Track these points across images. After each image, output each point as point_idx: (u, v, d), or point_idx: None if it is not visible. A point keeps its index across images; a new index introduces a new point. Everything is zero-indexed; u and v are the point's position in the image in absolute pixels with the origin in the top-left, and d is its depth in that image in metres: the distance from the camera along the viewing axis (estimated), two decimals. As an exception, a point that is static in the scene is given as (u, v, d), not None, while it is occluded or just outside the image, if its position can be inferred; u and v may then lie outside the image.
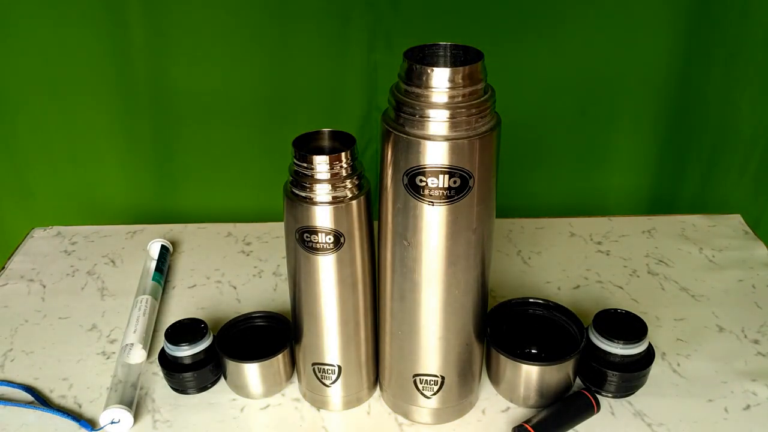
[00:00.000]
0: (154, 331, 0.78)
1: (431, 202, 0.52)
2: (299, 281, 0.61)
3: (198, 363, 0.68)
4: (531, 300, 0.72)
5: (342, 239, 0.57)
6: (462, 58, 0.53)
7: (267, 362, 0.67)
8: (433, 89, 0.50)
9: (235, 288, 0.87)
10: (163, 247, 0.90)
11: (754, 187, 1.09)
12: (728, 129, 1.05)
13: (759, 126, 1.04)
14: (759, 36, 0.97)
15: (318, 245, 0.57)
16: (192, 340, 0.67)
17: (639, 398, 0.68)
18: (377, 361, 0.67)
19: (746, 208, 1.03)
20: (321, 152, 0.56)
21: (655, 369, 0.69)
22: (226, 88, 1.04)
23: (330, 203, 0.56)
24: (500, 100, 0.53)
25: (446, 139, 0.50)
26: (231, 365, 0.67)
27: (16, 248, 0.95)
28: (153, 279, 0.84)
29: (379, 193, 0.56)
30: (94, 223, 1.02)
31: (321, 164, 0.55)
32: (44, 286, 0.87)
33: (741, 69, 1.00)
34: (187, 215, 1.12)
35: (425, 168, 0.51)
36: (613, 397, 0.68)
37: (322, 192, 0.56)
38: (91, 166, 1.11)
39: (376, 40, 0.98)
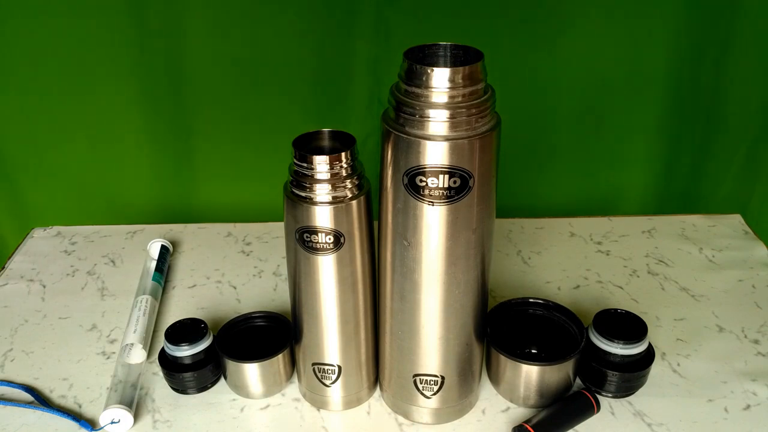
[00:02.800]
0: (154, 331, 0.78)
1: (431, 202, 0.52)
2: (299, 281, 0.61)
3: (198, 363, 0.68)
4: (531, 300, 0.72)
5: (342, 239, 0.57)
6: (462, 58, 0.53)
7: (267, 362, 0.67)
8: (433, 89, 0.50)
9: (235, 288, 0.87)
10: (163, 247, 0.90)
11: (742, 174, 1.10)
12: (719, 120, 1.07)
13: (747, 117, 1.06)
14: (750, 33, 0.98)
15: (318, 245, 0.57)
16: (192, 340, 0.67)
17: (639, 398, 0.68)
18: (377, 361, 0.67)
19: (736, 196, 1.06)
20: (321, 152, 0.56)
21: (655, 369, 0.69)
22: (226, 85, 1.04)
23: (330, 203, 0.56)
24: (499, 100, 0.53)
25: (446, 139, 0.50)
26: (231, 365, 0.67)
27: (16, 248, 0.95)
28: (153, 279, 0.84)
29: (379, 193, 0.56)
30: (96, 223, 1.02)
31: (321, 164, 0.55)
32: (44, 286, 0.87)
33: (732, 66, 1.01)
34: (187, 214, 1.13)
35: (425, 168, 0.51)
36: (613, 397, 0.68)
37: (322, 192, 0.56)
38: (90, 166, 1.11)
39: (378, 34, 0.99)
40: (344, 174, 0.56)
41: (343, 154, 0.56)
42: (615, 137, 1.09)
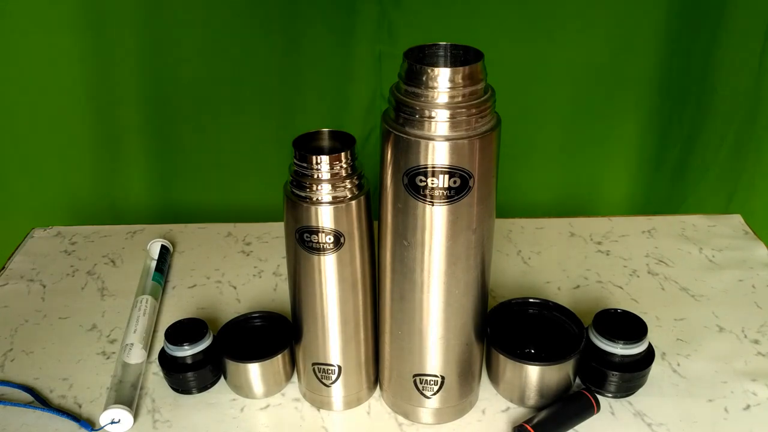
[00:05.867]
0: (154, 331, 0.78)
1: (431, 202, 0.52)
2: (299, 281, 0.61)
3: (198, 363, 0.68)
4: (531, 300, 0.72)
5: (342, 239, 0.57)
6: (462, 58, 0.53)
7: (267, 362, 0.67)
8: (433, 89, 0.50)
9: (235, 288, 0.87)
10: (163, 247, 0.90)
11: (730, 161, 1.11)
12: (707, 108, 1.08)
13: (734, 106, 1.07)
14: (738, 20, 0.99)
15: (318, 245, 0.57)
16: (192, 340, 0.67)
17: (639, 398, 0.68)
18: (377, 361, 0.67)
19: (723, 183, 1.09)
20: (321, 152, 0.56)
21: (655, 369, 0.69)
22: (227, 83, 1.04)
23: (330, 203, 0.56)
24: (499, 98, 0.53)
25: (446, 139, 0.50)
26: (231, 365, 0.67)
27: (16, 248, 0.95)
28: (153, 279, 0.84)
29: (379, 193, 0.56)
30: (96, 223, 1.02)
31: (321, 164, 0.55)
32: (44, 286, 0.87)
33: (721, 54, 1.03)
34: (187, 214, 1.13)
35: (425, 168, 0.51)
36: (613, 397, 0.68)
37: (322, 192, 0.56)
38: (90, 166, 1.11)
39: (380, 32, 0.99)
40: (344, 174, 0.56)
41: (343, 154, 0.56)
42: (605, 126, 1.10)
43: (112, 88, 1.04)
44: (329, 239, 0.57)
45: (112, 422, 0.64)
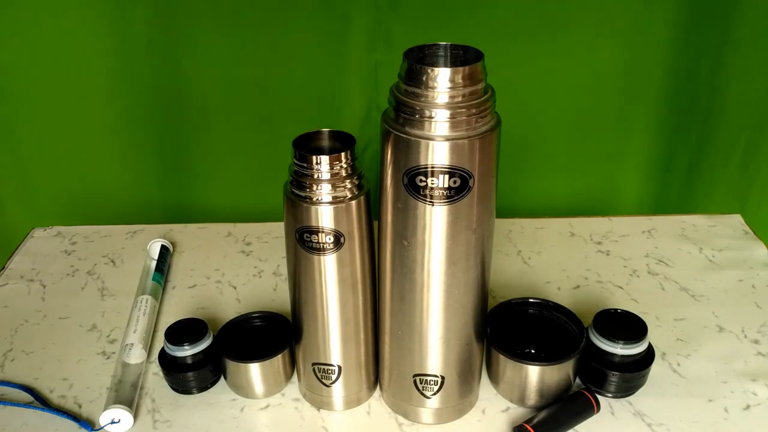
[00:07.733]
0: (154, 331, 0.78)
1: (431, 202, 0.52)
2: (299, 281, 0.61)
3: (198, 363, 0.68)
4: (531, 300, 0.72)
5: (342, 239, 0.57)
6: (462, 58, 0.53)
7: (267, 362, 0.67)
8: (433, 89, 0.50)
9: (235, 288, 0.87)
10: (163, 247, 0.90)
11: (740, 170, 1.10)
12: (717, 117, 1.06)
13: (745, 113, 1.06)
14: (747, 28, 0.99)
15: (318, 245, 0.57)
16: (192, 340, 0.67)
17: (639, 398, 0.68)
18: (377, 361, 0.67)
19: (734, 193, 1.08)
20: (321, 152, 0.56)
21: (655, 369, 0.69)
22: (226, 87, 1.04)
23: (330, 203, 0.56)
24: (499, 100, 0.53)
25: (446, 139, 0.50)
26: (231, 365, 0.67)
27: (16, 248, 0.95)
28: (153, 279, 0.84)
29: (379, 193, 0.56)
30: (96, 223, 1.02)
31: (321, 164, 0.55)
32: (44, 286, 0.87)
33: (730, 62, 1.01)
34: (187, 214, 1.12)
35: (425, 168, 0.51)
36: (613, 397, 0.68)
37: (322, 192, 0.56)
38: (91, 166, 1.11)
39: (376, 40, 0.98)
40: (344, 174, 0.56)
41: (343, 154, 0.56)
42: (613, 134, 1.09)
43: (114, 90, 1.03)
44: (329, 239, 0.57)
45: (112, 422, 0.64)
